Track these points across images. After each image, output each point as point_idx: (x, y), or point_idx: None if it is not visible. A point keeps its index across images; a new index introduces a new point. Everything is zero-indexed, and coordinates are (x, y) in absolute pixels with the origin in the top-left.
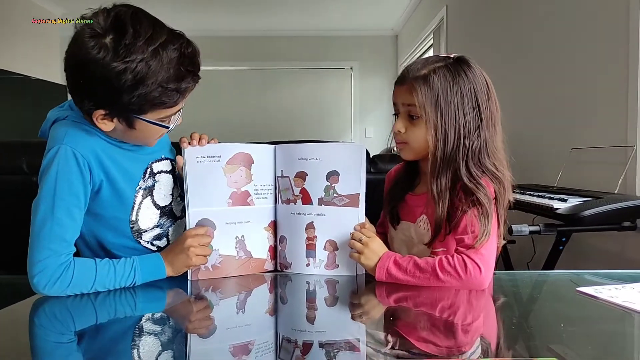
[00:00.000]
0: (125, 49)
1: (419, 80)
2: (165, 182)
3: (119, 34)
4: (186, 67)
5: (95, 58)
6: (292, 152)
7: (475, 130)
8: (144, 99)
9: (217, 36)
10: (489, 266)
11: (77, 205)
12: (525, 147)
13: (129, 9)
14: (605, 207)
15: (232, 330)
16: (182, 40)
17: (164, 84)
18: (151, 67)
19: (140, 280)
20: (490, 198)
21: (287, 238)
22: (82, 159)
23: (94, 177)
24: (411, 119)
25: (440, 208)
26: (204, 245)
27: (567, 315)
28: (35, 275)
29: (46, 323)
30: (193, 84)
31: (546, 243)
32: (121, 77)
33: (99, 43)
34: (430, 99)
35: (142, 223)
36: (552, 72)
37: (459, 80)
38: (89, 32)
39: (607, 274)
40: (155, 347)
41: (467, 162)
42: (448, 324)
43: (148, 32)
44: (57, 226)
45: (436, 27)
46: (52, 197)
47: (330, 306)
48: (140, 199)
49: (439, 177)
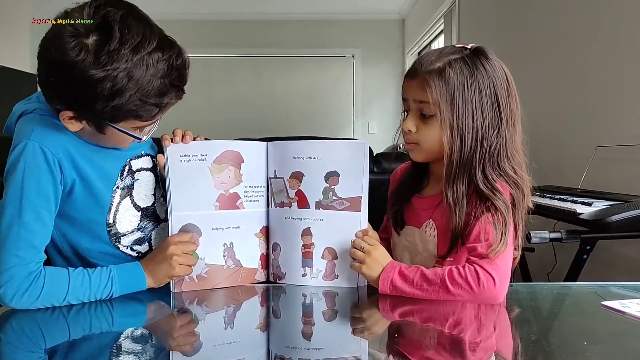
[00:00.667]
0: (107, 55)
1: (433, 74)
2: (146, 180)
3: (103, 37)
4: (171, 80)
5: (73, 61)
6: (287, 150)
7: (494, 130)
8: (119, 109)
9: (203, 20)
10: (504, 278)
11: (46, 208)
12: (546, 144)
13: (119, 9)
14: (634, 212)
15: (220, 347)
16: (172, 51)
17: (144, 98)
18: (133, 77)
19: (118, 292)
20: (508, 205)
21: (280, 245)
22: (51, 156)
23: (65, 176)
24: (423, 117)
25: (457, 218)
26: (188, 253)
27: (591, 332)
28: (2, 286)
29: (13, 339)
30: (176, 99)
31: (569, 252)
32: (98, 85)
33: (80, 44)
34: (445, 95)
35: (120, 226)
36: (575, 62)
37: (477, 74)
38: (71, 30)
39: (635, 286)
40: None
41: (484, 166)
42: (458, 341)
43: (136, 38)
44: (24, 231)
45: (447, 11)
46: (19, 199)
47: (329, 321)
48: (118, 199)
49: (455, 183)
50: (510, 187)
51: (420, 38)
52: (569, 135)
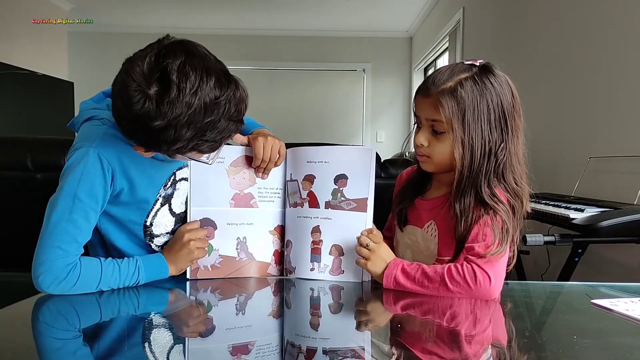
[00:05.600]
0: (169, 106)
1: (446, 94)
2: (184, 189)
3: (163, 88)
4: (230, 117)
5: (137, 113)
6: (301, 155)
7: (501, 143)
8: (184, 148)
9: (224, 34)
10: (500, 276)
11: (94, 209)
12: (542, 154)
13: (176, 58)
14: (623, 219)
15: (233, 331)
16: (229, 89)
17: (204, 138)
18: (192, 122)
19: (144, 280)
20: (510, 214)
21: (292, 242)
22: (107, 165)
23: (115, 183)
24: (435, 133)
25: (462, 227)
26: (201, 238)
27: (581, 328)
28: (40, 274)
29: (51, 320)
30: (235, 132)
31: (561, 254)
32: (161, 133)
33: (144, 96)
34: (457, 114)
35: (156, 229)
36: (571, 78)
37: (486, 92)
38: (134, 85)
39: (623, 286)
40: (158, 345)
41: (490, 179)
42: (456, 333)
43: (194, 84)
44: (72, 227)
45: (452, 30)
46: (73, 198)
47: (335, 313)
48: (159, 206)
49: (463, 196)
50: (509, 195)
51: (427, 54)
52: (564, 145)
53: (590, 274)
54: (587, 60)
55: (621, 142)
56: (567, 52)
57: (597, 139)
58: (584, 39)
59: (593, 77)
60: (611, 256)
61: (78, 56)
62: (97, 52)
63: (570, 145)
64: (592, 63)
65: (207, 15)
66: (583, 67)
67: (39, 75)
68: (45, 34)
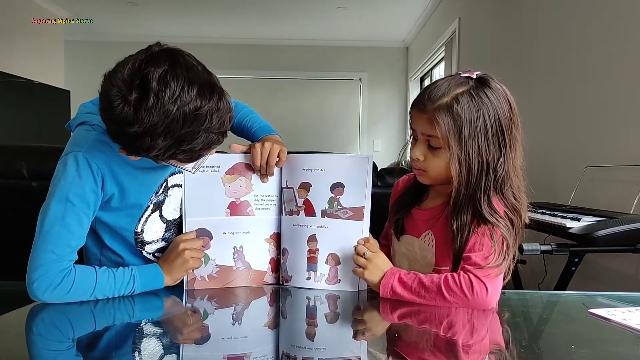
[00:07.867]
0: (146, 113)
1: (442, 110)
2: (176, 196)
3: (142, 95)
4: (210, 128)
5: (116, 117)
6: (297, 162)
7: (499, 157)
8: (162, 155)
9: (222, 44)
10: (497, 286)
11: (86, 214)
12: (538, 164)
13: (159, 66)
14: (619, 228)
15: (228, 341)
16: (211, 101)
17: (181, 148)
18: (170, 131)
19: (139, 289)
20: (510, 229)
21: (288, 250)
22: (96, 170)
23: (105, 188)
24: (431, 148)
25: (458, 242)
26: (196, 248)
27: (578, 337)
28: (35, 280)
29: (44, 331)
30: (217, 143)
31: (558, 264)
32: (138, 139)
33: (123, 101)
34: (453, 131)
35: (146, 235)
36: (567, 88)
37: (483, 107)
38: (116, 91)
39: (620, 296)
40: (152, 354)
41: (489, 195)
42: (453, 343)
43: (174, 94)
44: (65, 231)
45: (448, 40)
46: (65, 202)
47: (331, 322)
48: (149, 212)
49: (461, 213)
50: (508, 210)
51: (423, 64)
52: (560, 155)
53: (587, 283)
54: (583, 70)
55: (617, 152)
56: (563, 62)
57: (593, 149)
58: (580, 49)
59: (589, 87)
60: (608, 265)
61: (75, 64)
62: (93, 60)
63: (567, 154)
64: (587, 73)
65: (204, 25)
66: (579, 77)
67: (35, 84)
68: (42, 43)
